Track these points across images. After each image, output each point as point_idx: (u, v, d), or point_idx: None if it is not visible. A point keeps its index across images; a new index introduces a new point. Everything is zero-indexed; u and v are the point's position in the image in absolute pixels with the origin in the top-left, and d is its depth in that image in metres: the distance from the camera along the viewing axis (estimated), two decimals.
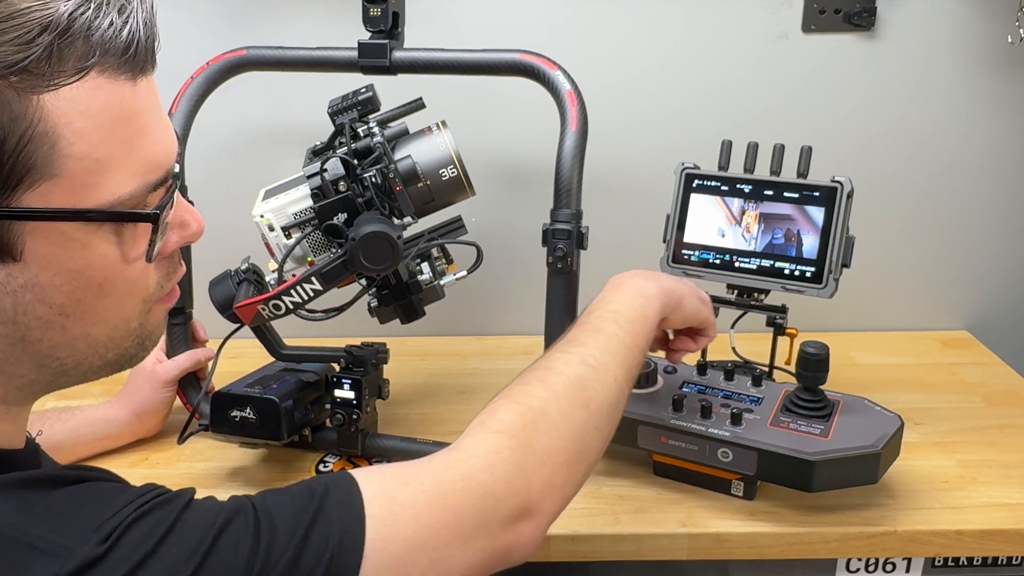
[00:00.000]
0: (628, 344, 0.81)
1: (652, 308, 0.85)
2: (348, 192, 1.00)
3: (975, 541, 0.96)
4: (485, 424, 0.70)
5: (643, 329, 0.83)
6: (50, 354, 0.58)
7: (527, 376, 0.76)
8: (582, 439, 0.73)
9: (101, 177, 0.54)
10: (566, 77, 0.99)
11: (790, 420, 0.98)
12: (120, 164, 0.55)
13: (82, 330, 0.58)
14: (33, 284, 0.55)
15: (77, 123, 0.53)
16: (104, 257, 0.57)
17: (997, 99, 1.38)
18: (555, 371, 0.75)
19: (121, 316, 0.60)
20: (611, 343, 0.79)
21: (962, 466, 1.07)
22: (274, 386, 1.03)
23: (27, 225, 0.53)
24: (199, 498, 0.60)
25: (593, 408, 0.75)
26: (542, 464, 0.69)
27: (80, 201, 0.54)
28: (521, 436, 0.69)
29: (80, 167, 0.53)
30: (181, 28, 1.34)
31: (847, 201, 1.07)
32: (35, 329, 0.56)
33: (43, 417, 1.06)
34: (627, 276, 0.89)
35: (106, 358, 0.61)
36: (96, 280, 0.57)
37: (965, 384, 1.30)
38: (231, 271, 1.04)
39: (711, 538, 0.96)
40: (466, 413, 1.20)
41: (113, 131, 0.54)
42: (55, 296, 0.56)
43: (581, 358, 0.77)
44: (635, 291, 0.86)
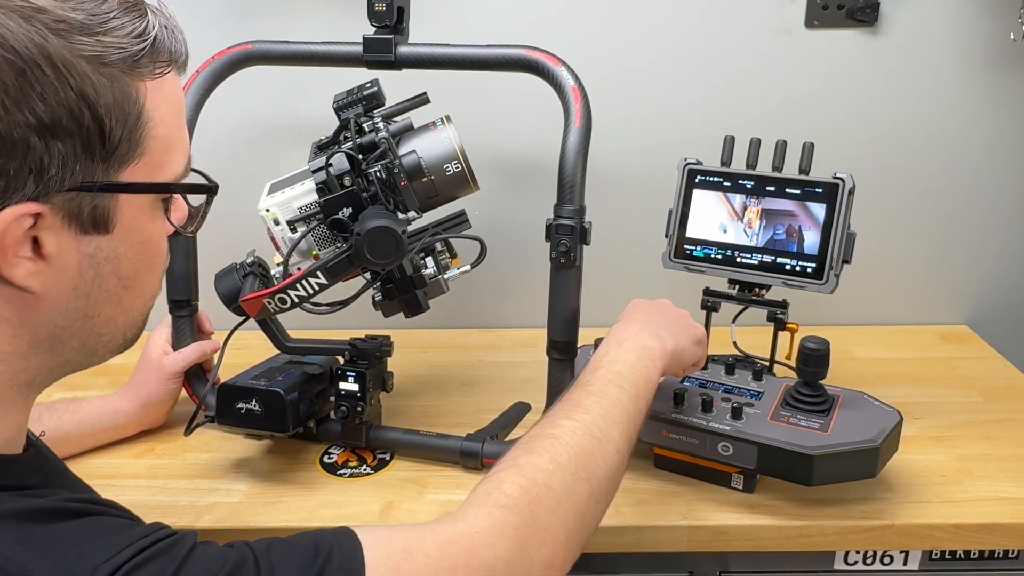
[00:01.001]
0: (631, 411, 0.82)
1: (655, 370, 0.87)
2: (353, 187, 1.00)
3: (972, 535, 0.97)
4: (491, 496, 0.70)
5: (646, 392, 0.85)
6: (98, 330, 0.64)
7: (533, 444, 0.76)
8: (583, 514, 0.74)
9: (168, 157, 0.63)
10: (570, 73, 1.00)
11: (790, 414, 0.99)
12: (178, 146, 0.64)
13: (129, 304, 0.65)
14: (113, 256, 0.62)
15: (162, 109, 0.61)
16: (159, 229, 0.65)
17: (998, 96, 1.38)
18: (561, 441, 0.76)
19: (153, 291, 0.68)
20: (615, 410, 0.80)
21: (959, 460, 1.08)
22: (279, 378, 1.04)
23: (122, 198, 0.60)
24: (201, 542, 0.60)
25: (595, 482, 0.75)
26: (543, 544, 0.70)
27: (155, 178, 0.62)
28: (525, 513, 0.69)
29: (159, 147, 0.61)
30: (187, 22, 1.32)
31: (848, 198, 1.08)
32: (101, 302, 0.63)
33: (51, 408, 1.08)
34: (632, 330, 0.90)
35: (126, 336, 0.67)
36: (151, 252, 0.65)
37: (963, 379, 1.31)
38: (237, 264, 1.05)
39: (711, 531, 0.97)
40: (469, 405, 1.22)
41: (177, 118, 0.64)
42: (125, 268, 0.63)
43: (586, 427, 0.77)
44: (640, 351, 0.87)
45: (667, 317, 0.94)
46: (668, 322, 0.93)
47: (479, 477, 1.04)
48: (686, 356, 0.92)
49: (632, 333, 0.89)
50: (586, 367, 0.86)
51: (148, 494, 1.03)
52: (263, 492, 1.03)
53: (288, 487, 1.04)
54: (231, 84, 1.13)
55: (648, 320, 0.92)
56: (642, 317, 0.93)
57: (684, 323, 0.95)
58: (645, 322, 0.91)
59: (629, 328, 0.90)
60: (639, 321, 0.91)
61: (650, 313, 0.94)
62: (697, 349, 0.95)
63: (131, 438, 1.14)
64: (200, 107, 1.11)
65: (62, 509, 0.58)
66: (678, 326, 0.94)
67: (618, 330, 0.91)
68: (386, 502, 1.01)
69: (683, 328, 0.94)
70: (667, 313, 0.95)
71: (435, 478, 1.06)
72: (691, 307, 1.16)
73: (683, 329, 0.94)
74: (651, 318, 0.93)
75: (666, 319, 0.94)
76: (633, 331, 0.89)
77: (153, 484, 1.05)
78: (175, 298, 1.13)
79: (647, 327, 0.90)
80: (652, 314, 0.94)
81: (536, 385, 1.12)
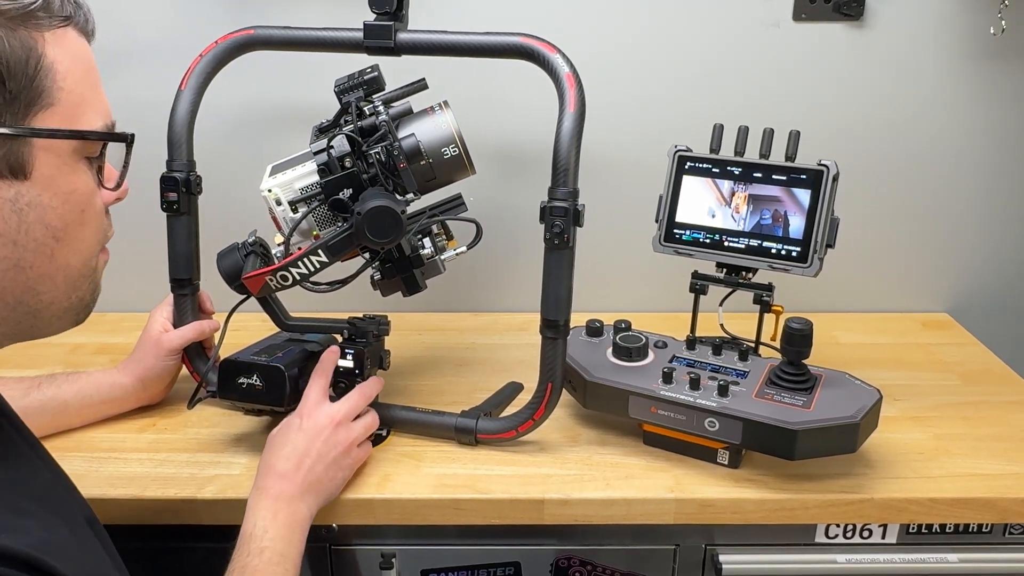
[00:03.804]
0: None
1: (305, 536, 0.92)
2: (353, 168, 1.03)
3: (948, 509, 1.01)
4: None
5: (300, 558, 0.90)
6: (34, 286, 0.66)
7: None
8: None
9: (81, 111, 0.66)
10: (565, 60, 1.02)
11: (774, 392, 1.02)
12: (92, 104, 0.68)
13: (64, 259, 0.67)
14: (36, 203, 0.64)
15: (66, 62, 0.65)
16: (85, 184, 0.68)
17: (979, 88, 1.42)
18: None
19: (90, 250, 0.70)
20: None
21: (937, 439, 1.12)
22: (280, 355, 1.07)
23: (36, 144, 0.63)
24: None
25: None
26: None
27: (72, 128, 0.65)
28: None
29: (69, 99, 0.65)
30: (191, 7, 1.37)
31: (833, 184, 1.11)
32: (31, 252, 0.65)
33: (52, 378, 1.10)
34: (287, 496, 0.92)
35: (71, 299, 0.70)
36: (80, 206, 0.68)
37: (943, 363, 1.35)
38: (238, 244, 1.08)
39: (697, 503, 1.00)
40: (463, 384, 1.25)
41: (86, 75, 0.67)
42: (52, 218, 0.66)
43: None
44: (295, 525, 0.91)
45: (322, 465, 0.96)
46: (318, 476, 0.96)
47: (473, 452, 1.08)
48: (328, 502, 0.98)
49: (285, 502, 0.92)
50: (248, 543, 0.88)
51: (150, 466, 1.06)
52: None
53: None
54: (234, 69, 1.15)
55: (299, 473, 0.94)
56: (293, 470, 0.94)
57: (335, 470, 0.98)
58: (295, 475, 0.94)
59: (281, 491, 0.93)
60: (290, 476, 0.94)
61: (302, 463, 0.95)
62: (342, 485, 0.99)
63: (133, 414, 1.16)
64: (203, 91, 1.13)
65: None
66: (328, 476, 0.97)
67: (270, 496, 0.92)
68: (383, 475, 1.03)
69: (332, 478, 0.98)
70: (323, 457, 0.97)
71: (431, 453, 1.09)
72: (680, 290, 1.20)
73: (331, 480, 0.98)
74: (302, 472, 0.95)
75: (318, 471, 0.96)
76: (286, 499, 0.92)
77: (155, 457, 1.07)
78: (177, 277, 1.15)
79: (297, 486, 0.93)
80: (304, 463, 0.95)
81: (528, 366, 1.15)
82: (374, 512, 1.00)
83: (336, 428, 0.99)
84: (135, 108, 1.12)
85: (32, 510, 0.65)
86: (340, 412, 1.00)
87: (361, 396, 1.04)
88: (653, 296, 1.48)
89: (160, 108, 1.12)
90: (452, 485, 1.02)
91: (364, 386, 1.06)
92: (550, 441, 1.11)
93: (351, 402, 1.02)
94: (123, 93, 1.37)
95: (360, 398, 1.04)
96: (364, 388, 1.05)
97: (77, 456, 1.07)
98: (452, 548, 1.07)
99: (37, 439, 0.78)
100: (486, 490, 1.01)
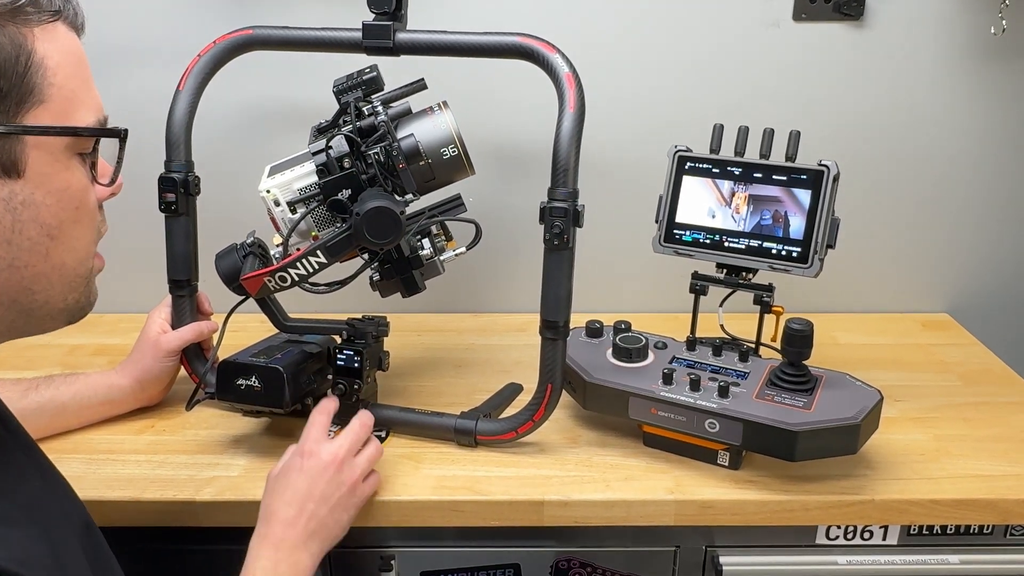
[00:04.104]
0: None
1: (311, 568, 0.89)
2: (352, 169, 1.03)
3: (949, 510, 1.01)
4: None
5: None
6: (28, 286, 0.66)
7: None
8: None
9: (74, 107, 0.66)
10: (564, 60, 1.02)
11: (775, 393, 1.02)
12: (83, 99, 0.67)
13: (59, 258, 0.67)
14: (30, 201, 0.64)
15: (56, 58, 0.64)
16: (79, 181, 0.67)
17: (979, 88, 1.42)
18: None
19: (85, 250, 0.70)
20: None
21: (938, 440, 1.12)
22: (278, 356, 1.06)
23: (29, 142, 0.63)
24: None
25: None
26: None
27: (64, 125, 0.65)
28: None
29: (60, 95, 0.64)
30: (189, 7, 1.36)
31: (833, 184, 1.11)
32: (25, 252, 0.64)
33: (49, 380, 1.10)
34: (289, 544, 0.88)
35: (67, 300, 0.69)
36: (74, 203, 0.67)
37: (943, 364, 1.35)
38: (237, 245, 1.07)
39: (698, 505, 1.00)
40: (462, 385, 1.25)
41: (77, 71, 0.67)
42: (46, 216, 0.65)
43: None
44: (292, 573, 0.87)
45: (326, 508, 0.92)
46: (321, 520, 0.91)
47: (472, 454, 1.08)
48: (342, 533, 0.94)
49: (287, 552, 0.88)
50: (247, 568, 0.85)
51: (148, 468, 1.05)
52: (262, 467, 1.05)
53: None
54: (232, 69, 1.15)
55: (299, 520, 0.90)
56: (294, 517, 0.90)
57: (339, 512, 0.94)
58: (296, 522, 0.90)
59: (284, 538, 0.89)
60: (291, 523, 0.89)
61: (304, 508, 0.91)
62: (350, 514, 0.95)
63: (131, 415, 1.16)
64: (201, 91, 1.12)
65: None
66: (332, 520, 0.93)
67: (270, 545, 0.88)
68: (382, 476, 1.03)
69: (337, 520, 0.93)
70: (327, 499, 0.92)
71: (430, 454, 1.08)
72: (680, 290, 1.20)
73: (336, 522, 0.93)
74: (303, 518, 0.90)
75: (320, 515, 0.91)
76: (288, 547, 0.88)
77: (153, 459, 1.07)
78: (175, 278, 1.15)
79: (299, 533, 0.89)
80: (306, 508, 0.91)
81: (527, 367, 1.15)
82: (373, 514, 1.00)
83: (340, 467, 0.93)
84: (133, 108, 1.12)
85: (15, 520, 0.64)
86: (343, 448, 0.95)
87: (362, 427, 0.99)
88: (653, 297, 1.48)
89: (158, 108, 1.12)
90: (451, 487, 1.02)
91: (362, 415, 1.00)
92: (550, 442, 1.10)
93: (352, 436, 0.97)
94: (121, 93, 1.38)
95: (361, 429, 0.98)
96: (363, 418, 1.00)
97: (75, 458, 1.06)
98: (451, 550, 1.07)
99: (34, 442, 0.77)
100: (486, 492, 1.01)
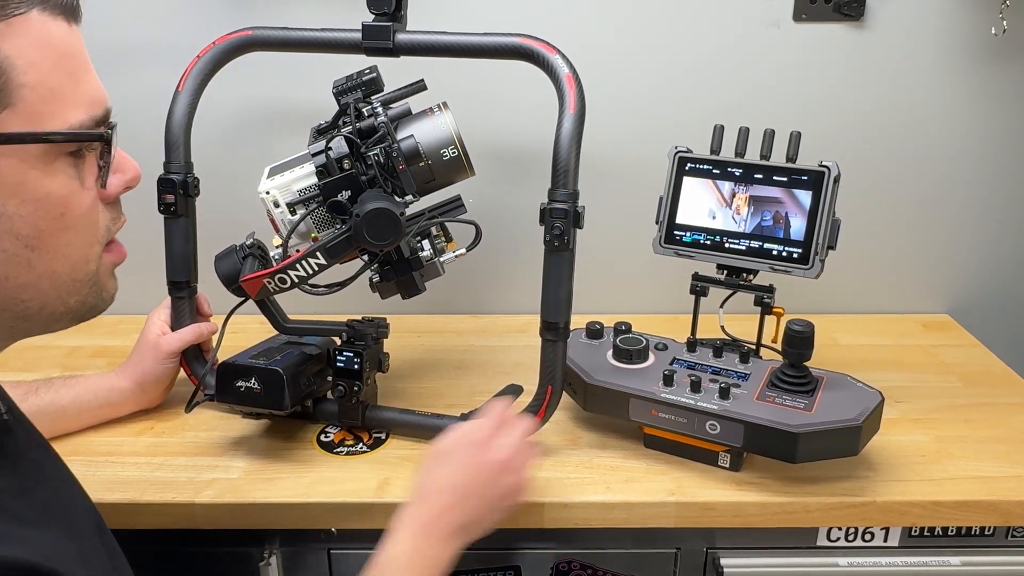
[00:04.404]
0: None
1: (446, 572, 0.85)
2: (352, 170, 1.02)
3: (950, 512, 1.01)
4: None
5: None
6: (15, 295, 0.61)
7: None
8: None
9: (53, 106, 0.59)
10: (564, 61, 1.02)
11: (776, 395, 1.02)
12: (69, 95, 0.60)
13: (47, 267, 0.61)
14: (1, 214, 0.58)
15: (28, 54, 0.57)
16: (63, 186, 0.61)
17: (980, 89, 1.42)
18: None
19: (80, 254, 0.64)
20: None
21: (939, 441, 1.11)
22: (278, 358, 1.06)
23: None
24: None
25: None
26: None
27: (38, 129, 0.58)
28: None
29: (34, 96, 0.58)
30: (188, 7, 1.36)
31: (834, 185, 1.10)
32: (2, 264, 0.59)
33: (48, 383, 1.10)
34: (432, 537, 0.85)
35: (68, 303, 0.64)
36: (58, 210, 0.61)
37: (944, 365, 1.34)
38: (236, 246, 1.07)
39: (698, 507, 1.00)
40: (462, 387, 1.25)
41: (60, 64, 0.59)
42: (21, 227, 0.59)
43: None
44: (430, 564, 0.84)
45: (478, 504, 0.88)
46: (470, 517, 0.87)
47: None
48: (487, 527, 0.89)
49: (434, 541, 0.85)
50: (382, 567, 0.84)
51: (148, 470, 1.05)
52: (261, 469, 1.05)
53: (286, 464, 1.06)
54: (231, 70, 1.14)
55: (443, 515, 0.86)
56: (439, 512, 0.86)
57: (493, 510, 0.89)
58: (440, 517, 0.86)
59: (435, 527, 0.85)
60: (436, 517, 0.86)
61: (456, 505, 0.87)
62: (498, 516, 0.90)
63: (130, 417, 1.15)
64: (201, 91, 1.12)
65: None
66: (481, 517, 0.88)
67: (410, 533, 0.85)
68: (382, 479, 1.03)
69: (486, 517, 0.89)
70: (485, 496, 0.89)
71: None
72: (681, 292, 1.20)
73: (486, 519, 0.89)
74: (452, 512, 0.86)
75: (470, 512, 0.87)
76: (436, 537, 0.85)
77: (153, 461, 1.07)
78: (174, 280, 1.14)
79: (443, 528, 0.86)
80: (458, 504, 0.87)
81: (528, 368, 1.14)
82: (373, 516, 0.99)
83: (508, 470, 0.89)
84: (132, 109, 1.11)
85: (37, 520, 0.62)
86: (516, 452, 0.91)
87: (526, 434, 0.94)
88: (653, 298, 1.47)
89: (157, 109, 1.11)
90: None
91: (524, 423, 0.95)
92: (550, 444, 1.10)
93: (525, 441, 0.93)
94: (120, 94, 1.37)
95: (526, 436, 0.94)
96: (528, 425, 0.95)
97: (74, 460, 1.03)
98: None
99: (48, 443, 0.77)
100: None
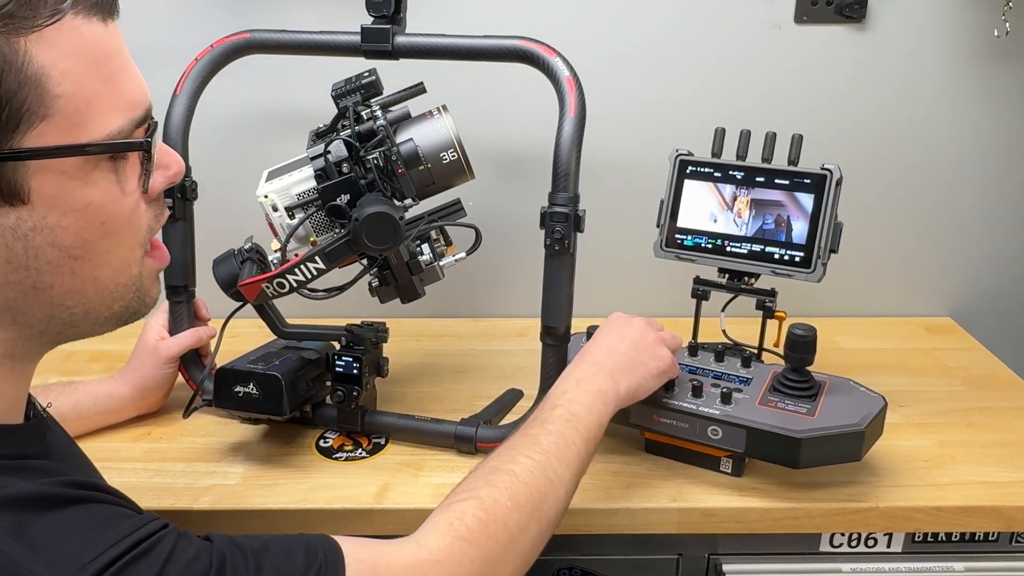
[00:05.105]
0: (583, 455, 0.86)
1: (607, 414, 0.91)
2: (351, 174, 1.02)
3: (954, 517, 1.00)
4: (453, 527, 0.73)
5: (597, 435, 0.89)
6: (60, 302, 0.62)
7: (494, 477, 0.79)
8: (531, 551, 0.78)
9: (90, 115, 0.58)
10: (565, 64, 1.01)
11: (778, 399, 1.01)
12: (106, 101, 0.59)
13: (90, 274, 0.62)
14: (42, 226, 0.58)
15: (62, 64, 0.56)
16: (104, 193, 0.61)
17: (982, 91, 1.41)
18: (520, 479, 0.79)
19: (123, 259, 0.64)
20: (569, 452, 0.84)
21: (942, 446, 1.11)
22: (276, 363, 1.05)
23: (31, 166, 0.56)
24: (183, 536, 0.62)
25: (545, 522, 0.80)
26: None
27: (74, 139, 0.58)
28: (482, 547, 0.73)
29: (70, 106, 0.57)
30: (186, 10, 1.35)
31: (836, 188, 1.10)
32: (46, 274, 0.60)
33: (47, 390, 1.08)
34: (591, 370, 0.92)
35: (112, 309, 0.65)
36: (99, 219, 0.61)
37: (947, 368, 1.34)
38: (235, 250, 1.06)
39: (700, 513, 0.99)
40: (462, 391, 1.24)
41: (95, 69, 0.58)
42: (63, 238, 0.59)
43: (543, 469, 0.81)
44: (596, 394, 0.90)
45: (632, 349, 0.96)
46: (630, 358, 0.95)
47: (473, 461, 1.06)
48: (640, 394, 0.96)
49: (591, 374, 0.92)
50: (544, 402, 0.90)
51: (145, 476, 1.04)
52: (260, 475, 1.04)
53: (285, 470, 1.05)
54: (229, 73, 1.14)
55: (609, 354, 0.95)
56: (604, 353, 0.95)
57: (647, 356, 0.97)
58: (606, 357, 0.94)
59: (589, 366, 0.93)
60: (600, 359, 0.94)
61: (615, 347, 0.96)
62: (654, 383, 0.97)
63: (128, 423, 1.14)
64: (199, 95, 1.12)
65: (55, 496, 0.57)
66: (640, 361, 0.96)
67: (579, 366, 0.93)
68: (381, 484, 1.02)
69: (644, 363, 0.96)
70: (635, 343, 0.97)
71: (430, 462, 1.07)
72: (682, 296, 1.19)
73: (643, 364, 0.96)
74: (613, 353, 0.95)
75: (629, 353, 0.96)
76: (592, 371, 0.92)
77: (150, 467, 1.06)
78: (172, 284, 1.14)
79: (605, 366, 0.93)
80: (617, 347, 0.96)
81: (528, 372, 1.14)
82: (372, 523, 0.99)
83: (660, 342, 0.98)
84: None
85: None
86: (669, 335, 1.01)
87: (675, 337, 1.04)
88: (654, 302, 1.46)
89: (155, 113, 1.10)
90: None
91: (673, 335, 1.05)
92: None
93: (673, 335, 1.03)
94: None
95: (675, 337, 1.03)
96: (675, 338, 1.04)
97: None
98: None
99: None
100: None
